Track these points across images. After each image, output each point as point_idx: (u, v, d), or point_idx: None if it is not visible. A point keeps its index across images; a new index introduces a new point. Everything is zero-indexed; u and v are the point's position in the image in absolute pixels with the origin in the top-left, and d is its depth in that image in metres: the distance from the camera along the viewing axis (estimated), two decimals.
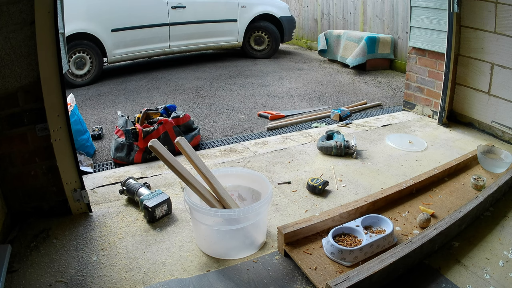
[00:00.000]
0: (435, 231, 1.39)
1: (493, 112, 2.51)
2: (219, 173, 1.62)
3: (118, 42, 4.53)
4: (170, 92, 4.05)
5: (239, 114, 3.36)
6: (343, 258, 1.34)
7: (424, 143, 2.47)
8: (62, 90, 1.53)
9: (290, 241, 1.44)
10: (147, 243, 1.54)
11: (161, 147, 1.32)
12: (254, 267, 1.41)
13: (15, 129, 1.53)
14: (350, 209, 1.56)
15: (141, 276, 1.37)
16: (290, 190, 1.94)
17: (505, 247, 1.46)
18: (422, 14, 2.77)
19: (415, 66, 2.97)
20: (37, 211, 1.67)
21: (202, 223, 1.43)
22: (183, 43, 5.07)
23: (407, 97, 3.12)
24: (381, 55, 4.91)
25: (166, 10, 4.80)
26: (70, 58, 4.24)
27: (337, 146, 2.28)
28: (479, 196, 1.62)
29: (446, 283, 1.29)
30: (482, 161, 2.02)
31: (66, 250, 1.49)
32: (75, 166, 1.65)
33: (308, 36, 6.71)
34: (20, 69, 1.46)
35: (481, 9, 2.41)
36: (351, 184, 2.00)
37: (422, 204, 1.70)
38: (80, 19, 4.25)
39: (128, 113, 3.27)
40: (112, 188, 1.97)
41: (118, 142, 2.30)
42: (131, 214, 1.74)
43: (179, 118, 2.44)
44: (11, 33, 1.40)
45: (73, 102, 2.45)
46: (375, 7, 5.24)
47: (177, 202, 1.81)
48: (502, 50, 2.36)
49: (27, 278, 1.34)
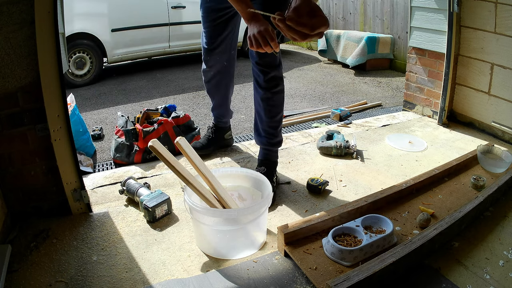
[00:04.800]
0: (435, 231, 1.39)
1: (493, 112, 2.51)
2: (219, 173, 1.62)
3: (118, 42, 4.53)
4: (170, 92, 4.05)
5: (239, 114, 3.36)
6: (343, 258, 1.34)
7: (424, 143, 2.47)
8: (62, 90, 1.53)
9: (290, 241, 1.44)
10: (147, 243, 1.54)
11: (161, 147, 1.32)
12: (254, 267, 1.41)
13: (15, 129, 1.53)
14: (350, 209, 1.56)
15: (141, 276, 1.37)
16: (290, 190, 1.94)
17: (505, 247, 1.46)
18: (422, 14, 2.77)
19: (415, 66, 2.97)
20: (37, 211, 1.67)
21: (202, 223, 1.43)
22: (183, 43, 5.07)
23: (407, 97, 3.12)
24: (381, 55, 4.91)
25: (166, 10, 4.80)
26: (70, 58, 4.24)
27: (337, 146, 2.28)
28: (479, 196, 1.62)
29: (446, 283, 1.29)
30: (482, 161, 2.02)
31: (66, 250, 1.49)
32: (75, 166, 1.66)
33: None
34: (20, 69, 1.46)
35: (481, 9, 2.41)
36: (351, 184, 2.00)
37: (422, 204, 1.70)
38: (80, 19, 4.25)
39: (128, 113, 3.27)
40: (112, 188, 1.97)
41: (118, 142, 2.30)
42: (131, 214, 1.74)
43: (179, 118, 2.44)
44: (11, 33, 1.40)
45: (73, 102, 2.45)
46: (375, 7, 5.24)
47: (177, 202, 1.81)
48: (502, 50, 2.36)
49: (27, 278, 1.34)
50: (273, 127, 1.93)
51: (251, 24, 1.46)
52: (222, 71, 2.09)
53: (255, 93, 1.90)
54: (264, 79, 1.82)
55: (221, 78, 2.12)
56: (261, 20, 1.45)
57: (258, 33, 1.40)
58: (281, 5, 1.68)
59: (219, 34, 1.95)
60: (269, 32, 1.40)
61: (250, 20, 1.46)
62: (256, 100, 1.91)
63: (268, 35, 1.40)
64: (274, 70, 1.82)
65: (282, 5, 1.69)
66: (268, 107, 1.88)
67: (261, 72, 1.81)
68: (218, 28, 1.94)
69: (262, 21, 1.44)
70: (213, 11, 1.90)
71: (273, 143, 1.96)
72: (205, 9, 1.93)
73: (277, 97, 1.88)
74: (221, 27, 1.93)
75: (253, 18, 1.45)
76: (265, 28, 1.40)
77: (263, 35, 1.39)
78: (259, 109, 1.91)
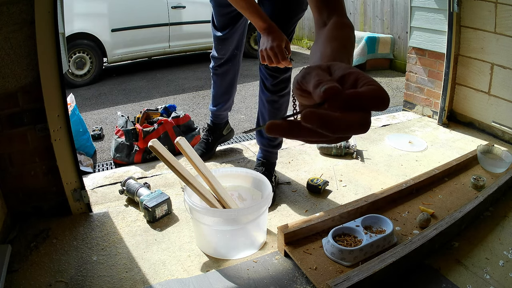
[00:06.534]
0: (435, 231, 1.39)
1: (493, 112, 2.51)
2: (219, 173, 1.62)
3: (118, 42, 4.53)
4: (170, 92, 4.05)
5: (239, 114, 3.36)
6: (343, 258, 1.34)
7: (424, 143, 2.47)
8: (62, 90, 1.53)
9: (290, 241, 1.44)
10: (147, 243, 1.54)
11: (161, 147, 1.32)
12: (254, 267, 1.41)
13: (15, 129, 1.53)
14: (350, 209, 1.56)
15: (141, 276, 1.37)
16: (290, 190, 1.94)
17: (505, 247, 1.46)
18: (422, 14, 2.77)
19: (415, 66, 2.97)
20: (37, 211, 1.67)
21: (202, 223, 1.43)
22: (183, 43, 5.07)
23: (407, 97, 3.12)
24: (381, 55, 4.91)
25: (166, 10, 4.79)
26: (70, 58, 4.24)
27: (337, 146, 2.28)
28: (479, 196, 1.61)
29: (446, 283, 1.29)
30: (482, 161, 2.02)
31: (66, 250, 1.49)
32: (75, 166, 1.65)
33: (308, 36, 6.71)
34: (20, 69, 1.46)
35: (481, 9, 2.41)
36: (351, 184, 2.00)
37: (422, 204, 1.70)
38: (80, 19, 4.25)
39: (128, 113, 3.27)
40: (112, 188, 1.97)
41: (118, 142, 2.30)
42: (131, 214, 1.74)
43: (179, 118, 2.44)
44: (11, 33, 1.40)
45: (73, 102, 2.45)
46: (375, 7, 5.24)
47: (177, 202, 1.81)
48: (502, 50, 2.36)
49: (27, 278, 1.34)
50: None
51: (264, 35, 1.41)
52: (232, 59, 2.07)
53: (260, 94, 1.88)
54: (272, 82, 1.77)
55: (232, 65, 2.09)
56: (276, 32, 1.39)
57: (271, 49, 1.36)
58: (292, 7, 1.65)
59: (232, 24, 1.90)
60: (281, 49, 1.36)
61: (264, 30, 1.41)
62: (261, 101, 1.89)
63: (280, 52, 1.35)
64: (284, 73, 1.77)
65: (293, 7, 1.66)
66: (273, 110, 1.85)
67: (270, 76, 1.76)
68: (231, 20, 1.89)
69: (276, 33, 1.39)
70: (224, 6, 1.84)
71: (274, 145, 1.95)
72: (215, 3, 1.88)
73: (283, 100, 1.85)
74: (234, 19, 1.88)
75: (267, 29, 1.41)
76: (278, 44, 1.36)
77: (275, 53, 1.35)
78: (263, 110, 1.89)
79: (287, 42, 1.40)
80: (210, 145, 2.28)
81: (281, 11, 1.64)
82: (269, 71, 1.75)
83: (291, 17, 1.67)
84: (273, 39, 1.37)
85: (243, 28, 1.98)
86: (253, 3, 1.43)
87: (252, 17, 1.44)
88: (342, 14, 0.76)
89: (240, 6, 1.45)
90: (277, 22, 1.48)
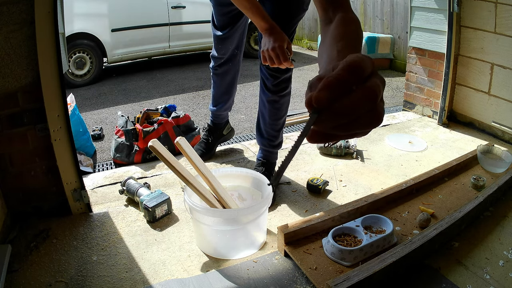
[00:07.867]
0: (435, 231, 1.39)
1: (493, 112, 2.51)
2: (219, 173, 1.62)
3: (118, 42, 4.53)
4: (170, 92, 4.05)
5: (239, 114, 3.36)
6: (343, 258, 1.34)
7: (424, 143, 2.47)
8: (62, 90, 1.53)
9: (290, 241, 1.44)
10: (147, 243, 1.54)
11: (161, 147, 1.32)
12: (254, 267, 1.41)
13: (15, 129, 1.53)
14: (350, 209, 1.56)
15: (141, 276, 1.36)
16: (290, 190, 1.94)
17: (505, 247, 1.46)
18: (422, 14, 2.77)
19: (415, 66, 2.97)
20: (37, 211, 1.67)
21: (202, 223, 1.43)
22: (183, 43, 5.07)
23: (407, 97, 3.12)
24: (381, 55, 4.91)
25: (166, 10, 4.80)
26: (70, 58, 4.24)
27: (337, 146, 2.28)
28: (479, 196, 1.61)
29: (446, 283, 1.29)
30: (482, 161, 2.02)
31: (66, 250, 1.49)
32: (75, 166, 1.65)
33: (308, 36, 6.71)
34: (20, 69, 1.46)
35: (481, 9, 2.41)
36: (351, 184, 2.00)
37: (422, 204, 1.70)
38: (80, 19, 4.25)
39: (128, 113, 3.26)
40: (112, 188, 1.97)
41: (118, 142, 2.30)
42: (131, 214, 1.74)
43: (179, 118, 2.44)
44: (11, 33, 1.40)
45: (73, 102, 2.45)
46: (375, 7, 5.24)
47: (177, 202, 1.81)
48: (502, 50, 2.36)
49: (27, 278, 1.34)
50: (276, 129, 1.91)
51: (265, 35, 1.40)
52: (232, 59, 2.06)
53: (261, 93, 1.87)
54: (273, 82, 1.76)
55: (232, 65, 2.09)
56: (277, 33, 1.38)
57: (272, 50, 1.35)
58: (293, 7, 1.65)
59: (233, 23, 1.89)
60: (283, 50, 1.35)
61: (266, 31, 1.41)
62: (261, 101, 1.88)
63: (282, 53, 1.34)
64: (285, 73, 1.76)
65: (294, 7, 1.65)
66: (274, 110, 1.85)
67: (271, 76, 1.75)
68: (231, 19, 1.88)
69: (278, 33, 1.38)
70: (224, 5, 1.83)
71: (274, 145, 1.95)
72: (215, 3, 1.87)
73: (284, 100, 1.84)
74: (234, 18, 1.88)
75: (269, 29, 1.40)
76: (280, 45, 1.35)
77: (277, 54, 1.34)
78: (264, 110, 1.88)
79: (288, 43, 1.40)
80: (210, 145, 2.28)
81: (282, 11, 1.64)
82: (270, 71, 1.74)
83: (292, 17, 1.67)
84: (275, 39, 1.36)
85: (243, 27, 1.97)
86: (256, 3, 1.43)
87: (254, 17, 1.44)
88: (347, 9, 0.75)
89: (243, 6, 1.44)
90: (278, 22, 1.47)
